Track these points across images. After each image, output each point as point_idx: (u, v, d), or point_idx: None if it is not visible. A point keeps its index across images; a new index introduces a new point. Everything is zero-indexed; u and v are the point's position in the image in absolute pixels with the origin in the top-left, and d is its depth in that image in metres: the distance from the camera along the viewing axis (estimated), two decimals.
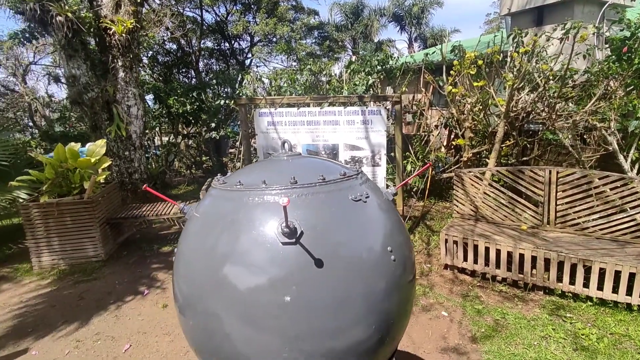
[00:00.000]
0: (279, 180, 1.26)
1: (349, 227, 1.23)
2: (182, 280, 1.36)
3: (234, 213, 1.25)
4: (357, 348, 1.23)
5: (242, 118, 5.23)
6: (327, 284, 1.15)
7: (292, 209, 1.21)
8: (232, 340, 1.22)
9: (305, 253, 1.14)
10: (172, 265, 4.62)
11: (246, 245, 1.20)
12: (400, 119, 4.78)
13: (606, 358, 2.74)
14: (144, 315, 3.67)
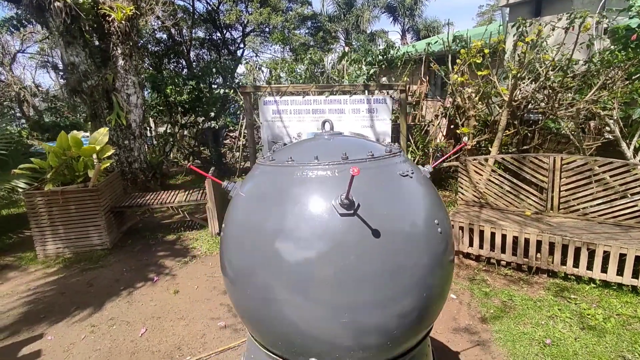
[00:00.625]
0: (329, 156, 1.30)
1: (399, 201, 1.27)
2: (233, 254, 1.39)
3: (288, 187, 1.28)
4: (399, 322, 1.27)
5: (247, 106, 5.22)
6: (379, 255, 1.20)
7: (344, 184, 1.25)
8: (286, 312, 1.27)
9: (360, 225, 1.18)
10: (178, 254, 4.64)
11: (301, 218, 1.23)
12: (406, 107, 4.83)
13: (615, 337, 2.86)
14: (156, 300, 3.69)
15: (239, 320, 3.32)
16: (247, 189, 1.44)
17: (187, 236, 5.35)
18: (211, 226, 5.21)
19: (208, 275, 4.18)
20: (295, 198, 1.26)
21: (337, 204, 1.17)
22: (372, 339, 1.26)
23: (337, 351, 1.27)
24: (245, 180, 1.53)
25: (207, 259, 4.59)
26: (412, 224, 1.26)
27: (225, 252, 1.45)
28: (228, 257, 1.43)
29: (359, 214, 1.17)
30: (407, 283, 1.24)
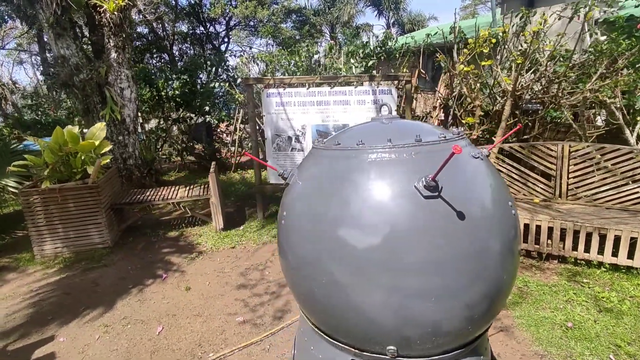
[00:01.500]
0: (401, 138, 1.26)
1: (474, 183, 1.24)
2: (297, 243, 1.34)
3: (361, 171, 1.23)
4: (477, 308, 1.24)
5: (249, 99, 5.12)
6: (462, 238, 1.17)
7: (418, 166, 1.22)
8: (362, 300, 1.22)
9: (444, 207, 1.14)
10: (183, 250, 4.54)
11: (380, 201, 1.19)
12: (411, 98, 4.82)
13: (633, 319, 2.92)
14: (169, 298, 3.59)
15: (257, 314, 3.27)
16: (311, 174, 1.38)
17: (190, 232, 5.23)
18: (215, 221, 5.11)
19: (218, 271, 4.10)
20: (371, 182, 1.21)
21: (422, 186, 1.13)
22: (451, 324, 1.23)
23: (413, 338, 1.23)
24: (303, 166, 1.47)
25: (214, 255, 4.50)
26: (490, 206, 1.23)
27: (286, 241, 1.40)
28: (291, 246, 1.38)
29: (442, 196, 1.14)
30: (485, 268, 1.22)
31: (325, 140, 1.49)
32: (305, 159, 1.51)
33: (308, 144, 5.13)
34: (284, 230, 1.40)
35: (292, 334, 2.98)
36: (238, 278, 3.92)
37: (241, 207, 6.29)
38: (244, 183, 7.64)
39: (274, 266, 4.16)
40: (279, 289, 3.69)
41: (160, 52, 16.12)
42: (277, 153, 5.23)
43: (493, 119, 5.37)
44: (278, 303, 3.44)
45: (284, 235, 1.41)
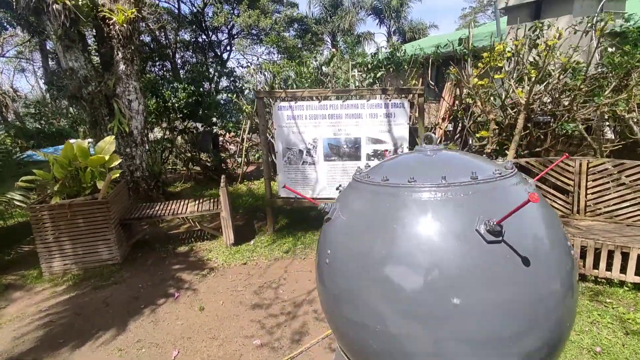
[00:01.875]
0: (454, 176, 1.20)
1: (533, 223, 1.18)
2: (341, 279, 1.28)
3: (411, 210, 1.17)
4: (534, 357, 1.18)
5: (261, 112, 5.08)
6: (524, 284, 1.10)
7: (475, 207, 1.16)
8: (395, 338, 1.16)
9: (507, 252, 1.08)
10: (194, 266, 4.47)
11: (432, 243, 1.13)
12: (424, 111, 4.78)
13: None
14: (183, 319, 3.51)
15: (274, 337, 3.19)
16: (355, 210, 1.32)
17: (200, 247, 5.16)
18: (226, 236, 5.03)
19: (231, 289, 4.02)
20: (425, 221, 1.15)
21: (484, 229, 1.07)
22: None
23: None
24: (345, 200, 1.41)
25: (226, 272, 4.42)
26: (549, 247, 1.17)
27: (330, 280, 1.33)
28: (336, 286, 1.31)
29: (506, 240, 1.08)
30: (546, 312, 1.15)
31: (366, 171, 1.43)
32: (347, 192, 1.45)
33: (319, 158, 5.08)
34: (329, 270, 1.33)
35: (312, 358, 2.91)
36: (252, 297, 3.84)
37: (250, 220, 6.22)
38: (251, 195, 7.58)
39: (288, 284, 4.08)
40: (294, 309, 3.61)
41: (162, 60, 16.16)
42: (288, 166, 5.18)
43: (505, 132, 5.32)
44: (295, 325, 3.36)
45: (328, 275, 1.34)
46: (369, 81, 6.76)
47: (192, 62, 19.23)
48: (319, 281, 1.43)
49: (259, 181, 8.61)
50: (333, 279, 1.33)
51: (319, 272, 1.41)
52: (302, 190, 5.22)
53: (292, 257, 4.74)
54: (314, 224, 5.66)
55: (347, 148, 5.01)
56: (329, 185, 5.15)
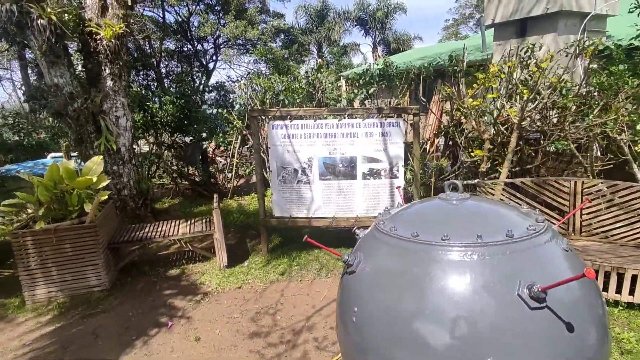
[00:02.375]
0: (489, 234, 1.16)
1: (569, 288, 1.14)
2: (365, 333, 1.22)
3: (443, 271, 1.13)
4: None
5: (254, 130, 5.00)
6: (569, 350, 1.06)
7: (512, 266, 1.12)
8: None
9: (551, 318, 1.04)
10: (187, 291, 4.32)
11: (469, 305, 1.08)
12: (419, 130, 4.79)
13: None
14: (178, 351, 3.37)
15: None
16: (382, 265, 1.27)
17: (192, 270, 5.01)
18: (219, 258, 4.90)
19: (227, 316, 3.90)
20: (459, 282, 1.10)
21: (527, 295, 1.03)
22: None
23: None
24: (369, 251, 1.35)
25: (220, 297, 4.29)
26: (587, 306, 1.13)
27: (356, 332, 1.27)
28: (362, 337, 1.25)
29: (549, 306, 1.04)
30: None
31: (390, 221, 1.38)
32: (371, 243, 1.39)
33: (315, 177, 5.03)
34: (356, 327, 1.27)
35: None
36: (249, 325, 3.73)
37: (242, 238, 6.10)
38: (242, 212, 7.44)
39: (285, 309, 3.99)
40: (293, 337, 3.52)
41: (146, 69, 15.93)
42: (282, 186, 5.10)
43: (498, 149, 5.38)
44: (295, 354, 3.27)
45: (355, 331, 1.28)
46: (361, 97, 6.77)
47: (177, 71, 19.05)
48: (344, 335, 1.36)
49: (249, 196, 8.49)
50: (360, 335, 1.27)
51: (344, 326, 1.34)
52: (297, 210, 5.15)
53: (288, 279, 4.64)
54: (308, 244, 5.56)
55: (342, 167, 4.98)
56: (324, 204, 5.09)
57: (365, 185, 4.98)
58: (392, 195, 4.96)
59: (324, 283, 4.50)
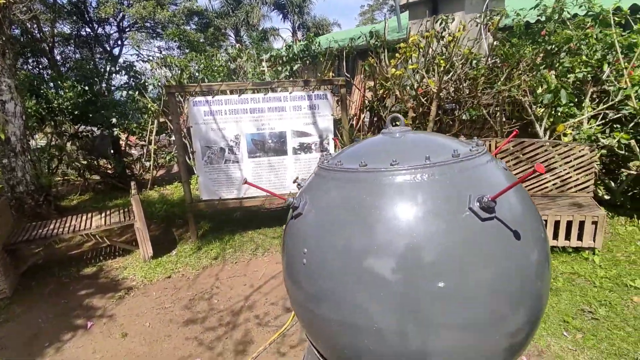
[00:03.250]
0: (436, 156, 1.13)
1: (510, 197, 1.17)
2: (317, 276, 1.14)
3: (393, 196, 1.08)
4: (508, 341, 1.17)
5: (173, 108, 4.61)
6: (513, 259, 1.08)
7: (461, 184, 1.11)
8: (382, 335, 1.08)
9: (499, 228, 1.05)
10: (107, 288, 3.94)
11: (425, 226, 1.05)
12: (346, 102, 4.81)
13: (569, 294, 3.24)
14: (101, 350, 3.00)
15: (216, 352, 2.91)
16: (329, 201, 1.18)
17: (111, 266, 4.52)
18: (143, 249, 4.48)
19: (157, 307, 3.58)
20: (411, 205, 1.06)
21: (478, 207, 1.01)
22: (498, 356, 1.14)
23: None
24: (315, 191, 1.26)
25: (148, 289, 3.93)
26: (527, 218, 1.17)
27: (306, 277, 1.18)
28: (314, 282, 1.17)
29: (498, 216, 1.04)
30: (529, 286, 1.15)
31: (334, 158, 1.30)
32: (315, 183, 1.30)
33: (243, 155, 4.80)
34: (307, 271, 1.17)
35: None
36: (183, 313, 3.46)
37: (167, 229, 5.67)
38: (165, 201, 6.92)
39: (222, 292, 3.78)
40: (233, 317, 3.34)
41: (37, 56, 13.98)
42: (209, 167, 4.79)
43: (419, 119, 5.64)
44: (237, 335, 3.11)
45: (305, 276, 1.19)
46: (285, 74, 6.62)
47: (76, 58, 17.06)
48: (292, 283, 1.26)
49: (171, 185, 7.92)
50: (312, 279, 1.18)
51: (293, 273, 1.24)
52: (227, 191, 4.90)
53: (222, 262, 4.41)
54: (240, 226, 5.36)
55: (272, 143, 4.82)
56: (255, 183, 4.89)
57: (296, 160, 4.89)
58: None
59: (261, 262, 4.36)
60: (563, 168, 4.25)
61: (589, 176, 4.11)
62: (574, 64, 4.27)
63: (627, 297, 3.12)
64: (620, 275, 3.42)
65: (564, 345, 2.65)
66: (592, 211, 3.70)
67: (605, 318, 2.90)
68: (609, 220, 4.37)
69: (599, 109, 4.29)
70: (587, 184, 4.14)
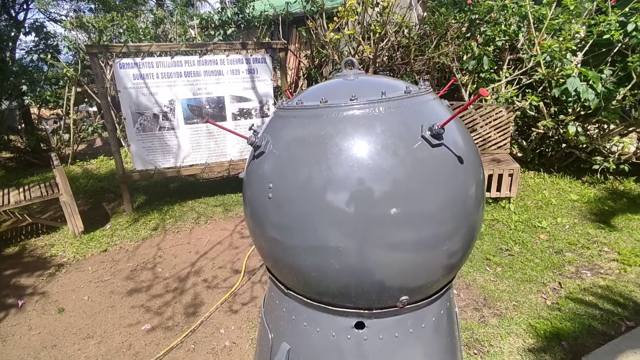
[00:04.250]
0: (390, 92, 1.22)
1: (454, 128, 1.31)
2: (283, 209, 1.20)
3: (353, 128, 1.16)
4: (448, 265, 1.35)
5: (96, 71, 4.22)
6: (458, 183, 1.23)
7: (414, 115, 1.22)
8: (349, 260, 1.19)
9: (447, 154, 1.18)
10: (34, 267, 3.73)
11: (381, 155, 1.14)
12: (286, 67, 4.78)
13: (490, 236, 3.68)
14: (38, 327, 2.81)
15: (166, 317, 2.88)
16: (290, 139, 1.23)
17: (35, 244, 4.15)
18: (72, 224, 4.16)
19: (94, 281, 3.40)
20: (370, 136, 1.15)
21: (429, 135, 1.13)
22: (434, 274, 1.31)
23: (394, 291, 1.27)
24: (276, 131, 1.29)
25: (81, 265, 3.70)
26: (470, 151, 1.32)
27: (274, 211, 1.24)
28: (280, 214, 1.23)
29: (445, 143, 1.17)
30: (467, 213, 1.31)
31: (293, 100, 1.34)
32: (274, 123, 1.33)
33: (179, 121, 4.59)
34: (273, 204, 1.23)
35: (215, 327, 2.74)
36: (125, 283, 3.33)
37: (97, 204, 5.29)
38: (90, 176, 6.41)
39: (166, 261, 3.69)
40: (180, 283, 3.30)
41: None
42: (141, 134, 4.51)
43: None
44: (186, 298, 3.09)
45: (273, 209, 1.24)
46: (218, 38, 6.34)
47: None
48: (258, 219, 1.31)
49: (96, 160, 7.33)
50: (279, 211, 1.23)
51: (259, 209, 1.28)
52: (163, 160, 4.67)
53: (163, 233, 4.27)
54: (178, 197, 5.18)
55: (210, 109, 4.66)
56: (193, 150, 4.74)
57: (236, 127, 4.80)
58: None
59: (204, 230, 4.29)
60: (484, 129, 4.70)
61: (506, 135, 4.60)
62: (495, 33, 4.66)
63: (535, 236, 3.63)
64: (530, 218, 3.95)
65: (487, 278, 3.04)
66: (509, 165, 4.18)
67: (519, 254, 3.36)
68: (521, 174, 4.96)
69: (515, 74, 4.77)
70: (505, 142, 4.63)
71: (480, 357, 2.25)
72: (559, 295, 2.78)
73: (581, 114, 4.58)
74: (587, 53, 4.58)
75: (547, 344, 2.30)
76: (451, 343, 1.50)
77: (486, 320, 2.56)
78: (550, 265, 3.15)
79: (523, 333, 2.42)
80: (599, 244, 3.42)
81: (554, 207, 4.18)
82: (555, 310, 2.62)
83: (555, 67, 4.43)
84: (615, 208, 4.07)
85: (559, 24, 4.60)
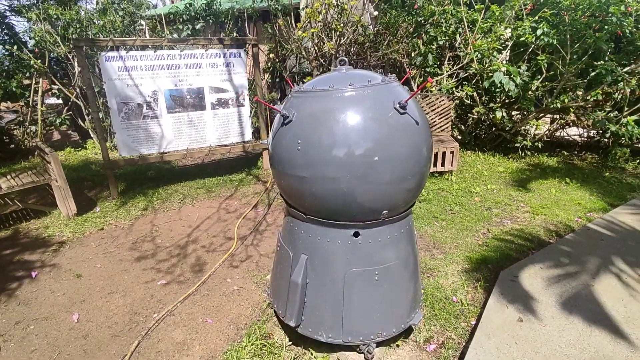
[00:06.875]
0: (372, 81, 1.90)
1: (412, 106, 2.02)
2: (307, 154, 1.84)
3: (350, 103, 1.82)
4: (409, 195, 2.07)
5: (82, 63, 4.51)
6: (418, 140, 1.94)
7: (388, 95, 1.90)
8: (352, 192, 1.86)
9: (409, 119, 1.88)
10: (35, 246, 4.27)
11: (369, 120, 1.82)
12: (259, 60, 5.32)
13: (437, 201, 4.54)
14: (61, 290, 3.21)
15: (176, 274, 3.39)
16: (310, 111, 1.87)
17: (28, 227, 4.40)
18: (66, 207, 4.46)
19: (101, 253, 3.80)
20: (362, 108, 1.82)
21: (399, 107, 1.82)
22: (401, 200, 2.02)
23: (378, 209, 1.96)
24: (297, 106, 1.92)
25: (83, 241, 4.05)
26: (422, 118, 2.04)
27: (303, 158, 1.87)
28: (305, 160, 1.86)
29: (408, 112, 1.87)
30: (420, 162, 2.02)
31: (306, 87, 1.97)
32: (296, 102, 1.95)
33: (162, 110, 4.99)
34: (302, 154, 1.86)
35: (222, 278, 3.31)
36: (131, 253, 3.77)
37: (78, 192, 5.52)
38: (63, 166, 6.51)
39: (163, 234, 4.14)
40: (182, 250, 3.80)
41: None
42: (126, 123, 4.87)
43: None
44: (189, 260, 3.60)
45: (302, 157, 1.87)
46: (186, 32, 6.69)
47: None
48: (287, 166, 1.93)
49: (64, 151, 7.39)
50: (305, 156, 1.87)
51: (290, 158, 1.90)
52: (147, 147, 5.05)
53: (153, 212, 4.69)
54: (159, 182, 5.57)
55: (190, 99, 5.10)
56: (176, 137, 5.16)
57: (215, 115, 5.28)
58: (242, 122, 5.45)
59: (192, 208, 4.77)
60: (429, 115, 5.56)
61: (447, 120, 5.50)
62: (437, 33, 5.52)
63: (471, 199, 4.54)
64: (467, 186, 4.87)
65: (435, 229, 3.87)
66: (451, 145, 5.07)
67: (458, 212, 4.24)
68: (460, 153, 5.92)
69: (454, 69, 5.68)
70: (446, 126, 5.53)
71: (433, 278, 3.04)
72: (487, 237, 3.67)
73: (506, 102, 5.60)
74: (511, 51, 5.59)
75: (477, 267, 3.15)
76: (414, 247, 2.25)
77: (435, 256, 3.37)
78: (482, 218, 4.06)
79: (461, 262, 3.25)
80: (517, 202, 4.40)
81: (486, 177, 5.15)
82: (484, 246, 3.49)
83: (485, 63, 5.38)
84: (530, 176, 5.12)
85: (488, 27, 5.56)
